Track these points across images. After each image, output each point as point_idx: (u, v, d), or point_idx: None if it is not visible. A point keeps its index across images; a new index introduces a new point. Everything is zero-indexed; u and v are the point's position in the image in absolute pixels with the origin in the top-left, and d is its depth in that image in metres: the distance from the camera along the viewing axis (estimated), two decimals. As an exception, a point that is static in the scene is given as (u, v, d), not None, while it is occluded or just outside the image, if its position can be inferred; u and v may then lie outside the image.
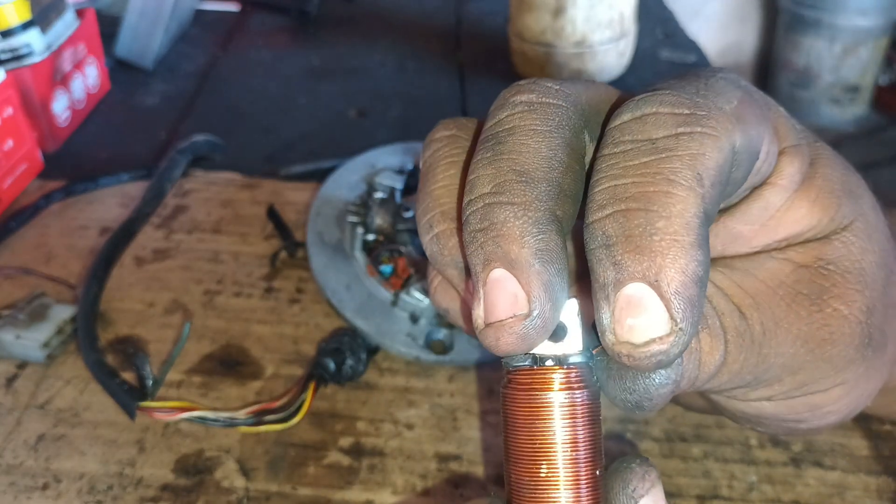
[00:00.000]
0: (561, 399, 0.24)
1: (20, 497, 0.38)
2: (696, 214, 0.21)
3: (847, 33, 2.33)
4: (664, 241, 0.21)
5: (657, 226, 0.21)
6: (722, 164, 0.23)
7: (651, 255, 0.21)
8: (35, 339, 0.45)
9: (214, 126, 0.70)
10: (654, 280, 0.21)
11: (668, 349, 0.21)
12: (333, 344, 0.45)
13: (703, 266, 0.21)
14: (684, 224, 0.21)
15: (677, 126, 0.23)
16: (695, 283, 0.21)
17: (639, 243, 0.21)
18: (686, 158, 0.22)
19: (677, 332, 0.21)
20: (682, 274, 0.21)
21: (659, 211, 0.21)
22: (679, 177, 0.22)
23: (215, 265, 0.54)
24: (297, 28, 0.95)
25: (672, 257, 0.21)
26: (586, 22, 0.76)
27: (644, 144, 0.23)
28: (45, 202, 0.59)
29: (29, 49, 0.63)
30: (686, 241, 0.21)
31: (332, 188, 0.57)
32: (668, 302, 0.21)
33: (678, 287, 0.21)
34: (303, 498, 0.39)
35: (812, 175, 0.28)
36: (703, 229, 0.22)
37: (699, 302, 0.21)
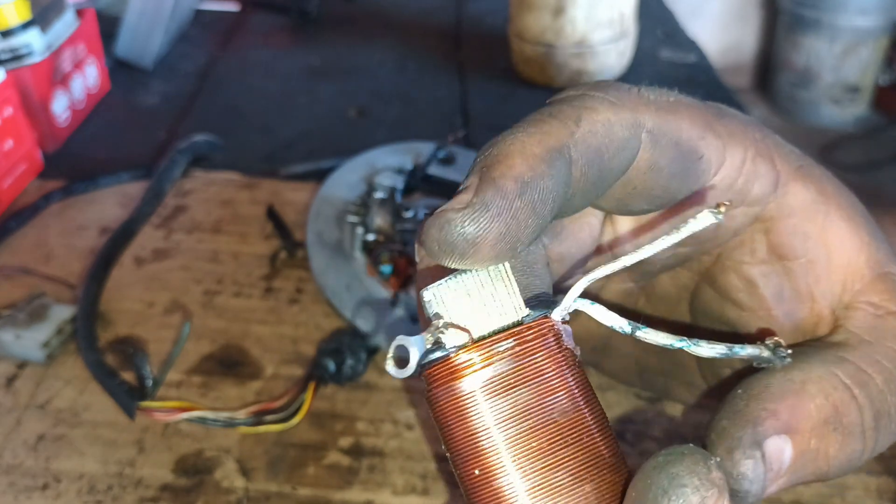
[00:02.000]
0: (483, 379, 0.21)
1: (20, 497, 0.38)
2: (556, 139, 0.23)
3: (847, 33, 2.33)
4: (513, 145, 0.23)
5: (517, 136, 0.23)
6: (613, 124, 0.24)
7: (496, 154, 0.23)
8: (35, 339, 0.45)
9: (214, 126, 0.70)
10: (485, 170, 0.22)
11: (451, 217, 0.21)
12: (333, 344, 0.45)
13: (536, 178, 0.22)
14: (540, 140, 0.23)
15: (588, 90, 0.24)
16: (515, 180, 0.22)
17: (496, 148, 0.23)
18: (577, 106, 0.24)
19: (471, 204, 0.22)
20: (508, 168, 0.22)
21: (526, 128, 0.23)
22: (560, 114, 0.23)
23: (215, 265, 0.54)
24: (296, 28, 0.95)
25: (509, 155, 0.22)
26: (586, 21, 0.76)
27: (558, 99, 0.25)
28: (44, 202, 0.59)
29: (29, 49, 0.63)
30: (531, 151, 0.22)
31: (331, 188, 0.57)
32: (482, 183, 0.22)
33: (495, 174, 0.22)
34: (303, 498, 0.39)
35: (834, 194, 0.28)
36: (557, 155, 0.22)
37: (511, 200, 0.22)
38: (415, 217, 0.54)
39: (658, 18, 0.98)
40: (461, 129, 0.72)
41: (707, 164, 0.26)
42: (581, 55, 0.78)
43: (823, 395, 0.24)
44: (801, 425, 0.23)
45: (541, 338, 0.22)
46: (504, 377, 0.21)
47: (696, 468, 0.20)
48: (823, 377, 0.24)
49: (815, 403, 0.24)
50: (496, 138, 0.23)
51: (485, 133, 0.71)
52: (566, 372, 0.22)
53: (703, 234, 0.27)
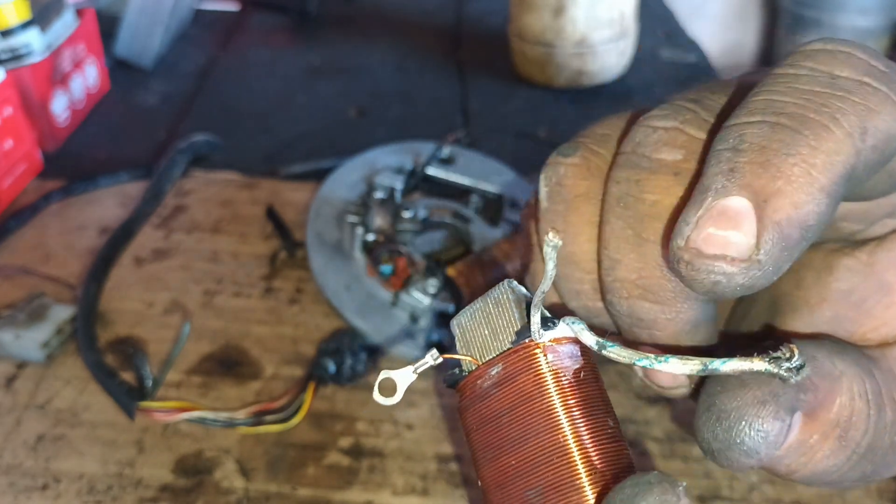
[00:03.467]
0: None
1: (20, 497, 0.38)
2: (843, 163, 0.19)
3: (847, 33, 2.32)
4: (798, 167, 0.18)
5: (799, 150, 0.18)
6: (891, 136, 0.20)
7: (775, 175, 0.18)
8: (34, 339, 0.45)
9: (214, 126, 0.69)
10: (763, 200, 0.18)
11: (732, 274, 0.18)
12: (333, 344, 0.45)
13: (818, 218, 0.18)
14: (827, 164, 0.18)
15: (866, 74, 0.20)
16: (800, 227, 0.18)
17: (770, 158, 0.18)
18: (860, 106, 0.19)
19: (753, 262, 0.18)
20: (794, 208, 0.18)
21: (808, 138, 0.19)
22: (845, 119, 0.19)
23: (214, 265, 0.54)
24: (296, 28, 0.95)
25: (795, 187, 0.18)
26: (587, 21, 0.76)
27: (823, 76, 0.20)
28: (44, 202, 0.59)
29: (29, 49, 0.63)
30: (818, 181, 0.18)
31: (331, 188, 0.57)
32: (763, 227, 0.18)
33: (782, 218, 0.18)
34: (302, 498, 0.39)
35: None
36: (841, 182, 0.19)
37: (793, 249, 0.19)
38: (415, 217, 0.54)
39: (658, 18, 0.98)
40: (461, 129, 0.72)
41: None
42: (581, 55, 0.78)
43: (850, 395, 0.22)
44: (820, 414, 0.22)
45: (525, 360, 0.22)
46: (491, 400, 0.23)
47: (666, 498, 0.19)
48: (855, 379, 0.22)
49: (841, 400, 0.22)
50: (765, 135, 0.19)
51: (485, 133, 0.71)
52: (551, 392, 0.22)
53: (842, 236, 0.25)
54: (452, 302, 0.48)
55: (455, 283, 0.48)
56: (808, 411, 0.21)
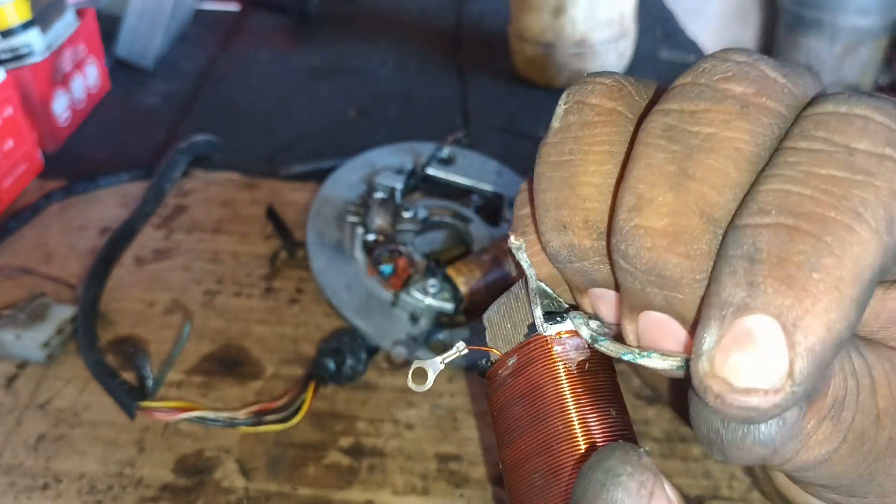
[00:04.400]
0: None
1: (20, 497, 0.38)
2: (870, 266, 0.17)
3: (847, 33, 2.33)
4: (824, 283, 0.17)
5: (823, 262, 0.17)
6: None
7: (801, 294, 0.17)
8: (35, 339, 0.45)
9: (214, 126, 0.70)
10: (792, 324, 0.17)
11: (767, 408, 0.17)
12: (333, 344, 0.45)
13: (850, 329, 0.17)
14: (855, 273, 0.17)
15: (886, 145, 0.18)
16: (833, 346, 0.17)
17: (792, 273, 0.17)
18: (884, 192, 0.17)
19: (789, 393, 0.17)
20: (827, 331, 0.17)
21: (832, 246, 0.17)
22: (869, 213, 0.17)
23: (215, 265, 0.54)
24: (296, 28, 0.95)
25: (824, 307, 0.17)
26: (586, 22, 0.76)
27: (840, 152, 0.18)
28: (44, 202, 0.59)
29: (29, 49, 0.63)
30: (848, 294, 0.17)
31: (331, 188, 0.57)
32: (796, 355, 0.17)
33: (815, 343, 0.17)
34: (303, 498, 0.39)
35: None
36: (870, 286, 0.17)
37: (828, 367, 0.18)
38: (415, 217, 0.54)
39: (658, 18, 0.98)
40: (461, 129, 0.72)
41: None
42: (581, 55, 0.78)
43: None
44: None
45: (534, 351, 0.24)
46: (508, 388, 0.24)
47: (628, 457, 0.19)
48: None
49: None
50: (781, 242, 0.17)
51: (485, 133, 0.72)
52: (556, 380, 0.23)
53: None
54: (452, 302, 0.48)
55: (455, 283, 0.48)
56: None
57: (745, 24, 2.62)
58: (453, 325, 0.48)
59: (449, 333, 0.46)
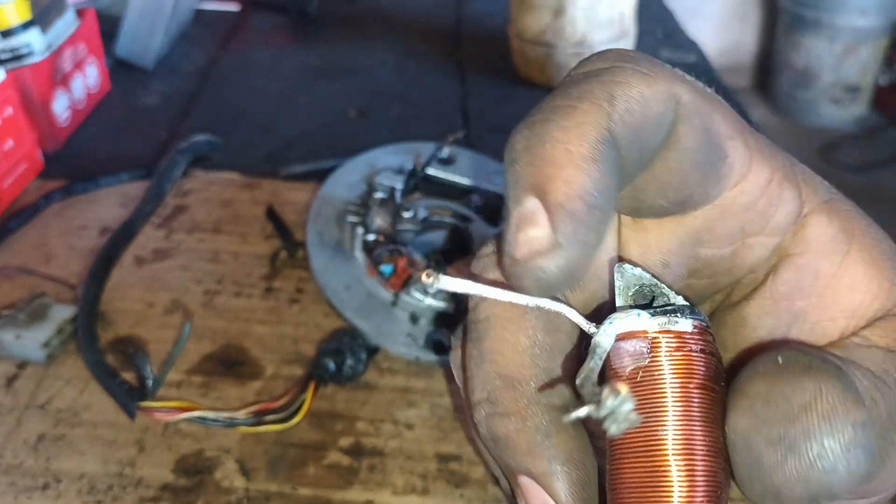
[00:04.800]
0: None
1: (20, 497, 0.38)
2: (595, 128, 0.20)
3: (847, 33, 2.33)
4: (555, 149, 0.20)
5: (552, 134, 0.20)
6: (647, 98, 0.21)
7: (542, 165, 0.20)
8: (35, 339, 0.45)
9: (214, 126, 0.70)
10: (543, 191, 0.20)
11: (544, 265, 0.20)
12: (333, 344, 0.45)
13: (597, 184, 0.20)
14: (580, 135, 0.20)
15: (616, 60, 0.22)
16: (580, 198, 0.20)
17: (534, 153, 0.20)
18: (606, 82, 0.21)
19: (556, 246, 0.19)
20: (568, 185, 0.20)
21: (558, 120, 0.20)
22: (589, 94, 0.21)
23: (215, 265, 0.54)
24: (297, 28, 0.95)
25: (560, 166, 0.20)
26: (586, 22, 0.76)
27: (577, 75, 0.22)
28: (44, 202, 0.59)
29: (29, 49, 0.63)
30: (577, 153, 0.20)
31: (331, 188, 0.57)
32: (550, 214, 0.20)
33: (561, 198, 0.20)
34: (303, 498, 0.39)
35: (861, 233, 0.25)
36: (603, 146, 0.20)
37: (587, 220, 0.20)
38: (415, 217, 0.54)
39: (658, 18, 0.98)
40: (461, 129, 0.72)
41: (730, 168, 0.23)
42: (581, 55, 0.78)
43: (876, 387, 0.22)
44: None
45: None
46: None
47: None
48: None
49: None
50: (526, 139, 0.21)
51: (485, 133, 0.72)
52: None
53: (717, 265, 0.25)
54: (452, 302, 0.48)
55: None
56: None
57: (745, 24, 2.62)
58: (453, 325, 0.47)
59: (449, 333, 0.46)
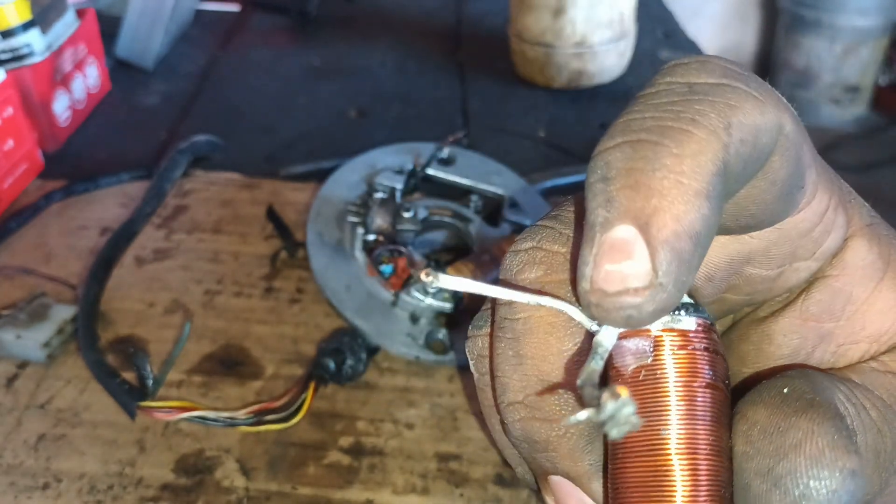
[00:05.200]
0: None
1: (20, 497, 0.38)
2: (712, 160, 0.18)
3: (847, 33, 2.33)
4: (666, 179, 0.18)
5: (664, 161, 0.18)
6: (760, 128, 0.19)
7: (647, 194, 0.18)
8: (35, 339, 0.45)
9: (214, 126, 0.70)
10: (645, 223, 0.18)
11: (640, 304, 0.18)
12: (333, 344, 0.45)
13: (705, 222, 0.18)
14: (695, 166, 0.18)
15: (723, 77, 0.20)
16: (689, 237, 0.18)
17: (638, 178, 0.18)
18: (720, 104, 0.19)
19: (656, 286, 0.18)
20: (677, 222, 0.18)
21: (670, 146, 0.18)
22: (705, 119, 0.19)
23: (215, 265, 0.54)
24: (296, 28, 0.95)
25: (670, 200, 0.18)
26: (586, 22, 0.76)
27: (679, 87, 0.20)
28: (45, 202, 0.59)
29: (29, 49, 0.63)
30: (691, 186, 0.18)
31: (332, 188, 0.57)
32: (654, 250, 0.18)
33: (668, 235, 0.18)
34: (303, 498, 0.39)
35: (895, 260, 0.25)
36: (716, 180, 0.19)
37: (691, 260, 0.18)
38: (415, 217, 0.54)
39: (658, 19, 0.98)
40: (461, 129, 0.72)
41: (802, 196, 0.22)
42: (581, 56, 0.78)
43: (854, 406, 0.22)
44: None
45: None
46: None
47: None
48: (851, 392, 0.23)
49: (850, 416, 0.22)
50: (629, 158, 0.19)
51: (485, 133, 0.72)
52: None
53: (759, 284, 0.25)
54: (452, 302, 0.48)
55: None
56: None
57: (745, 25, 2.62)
58: (453, 325, 0.48)
59: (449, 333, 0.46)
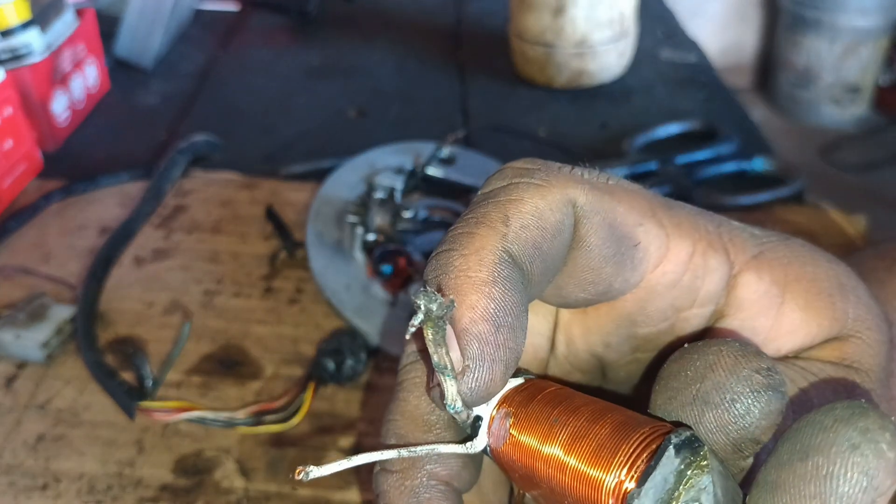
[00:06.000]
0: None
1: (20, 497, 0.38)
2: (492, 251, 0.21)
3: (847, 33, 2.33)
4: (459, 278, 0.21)
5: (454, 264, 0.21)
6: (543, 211, 0.22)
7: (447, 294, 0.21)
8: (35, 339, 0.45)
9: (214, 126, 0.70)
10: (453, 319, 0.21)
11: (462, 390, 0.21)
12: (333, 344, 0.45)
13: (499, 304, 0.21)
14: (478, 261, 0.21)
15: (512, 177, 0.23)
16: (485, 320, 0.21)
17: (442, 282, 0.22)
18: (501, 203, 0.22)
19: (465, 369, 0.21)
20: (471, 310, 0.21)
21: (459, 250, 0.22)
22: (486, 218, 0.22)
23: (215, 265, 0.54)
24: (296, 28, 0.95)
25: (463, 294, 0.21)
26: (587, 22, 0.76)
27: (481, 197, 0.23)
28: (44, 202, 0.59)
29: (29, 49, 0.63)
30: (477, 278, 0.21)
31: (331, 188, 0.57)
32: (459, 339, 0.21)
33: (466, 324, 0.21)
34: (302, 498, 0.39)
35: (795, 279, 0.26)
36: (502, 267, 0.21)
37: (493, 340, 0.21)
38: (415, 217, 0.54)
39: (658, 18, 0.98)
40: (461, 129, 0.72)
41: (644, 252, 0.24)
42: (581, 55, 0.78)
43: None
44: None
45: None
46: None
47: (886, 424, 0.18)
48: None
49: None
50: (434, 270, 0.22)
51: (485, 133, 0.72)
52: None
53: (657, 340, 0.26)
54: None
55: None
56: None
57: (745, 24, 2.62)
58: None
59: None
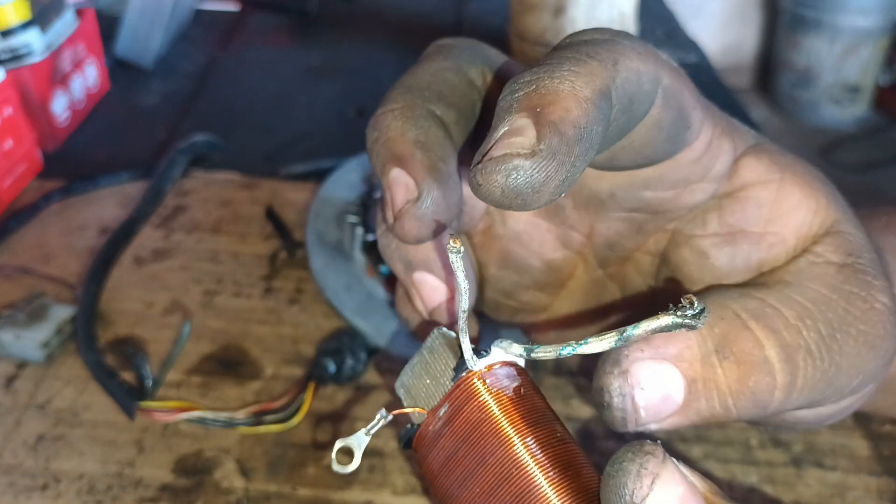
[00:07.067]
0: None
1: (20, 497, 0.38)
2: (601, 82, 0.22)
3: (847, 33, 2.32)
4: (563, 84, 0.22)
5: (563, 73, 0.22)
6: (641, 73, 0.24)
7: (545, 93, 0.22)
8: (34, 339, 0.45)
9: (214, 126, 0.69)
10: (538, 112, 0.21)
11: (520, 165, 0.21)
12: (333, 344, 0.45)
13: (589, 120, 0.21)
14: (587, 82, 0.22)
15: (614, 36, 0.24)
16: (573, 126, 0.21)
17: (541, 85, 0.22)
18: (611, 49, 0.23)
19: (538, 152, 0.21)
20: (565, 111, 0.21)
21: (569, 66, 0.22)
22: (597, 55, 0.23)
23: (214, 265, 0.54)
24: (296, 27, 0.95)
25: (562, 98, 0.21)
26: (587, 22, 0.76)
27: (577, 41, 0.24)
28: (44, 202, 0.59)
29: (29, 49, 0.63)
30: (582, 93, 0.22)
31: (331, 188, 0.57)
32: (541, 127, 0.21)
33: (555, 118, 0.21)
34: (302, 498, 0.39)
35: (789, 165, 0.29)
36: (603, 99, 0.22)
37: (572, 146, 0.21)
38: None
39: (658, 18, 0.98)
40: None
41: (691, 134, 0.27)
42: (581, 55, 0.78)
43: (708, 326, 0.25)
44: (683, 354, 0.24)
45: (467, 391, 0.23)
46: (445, 439, 0.23)
47: (632, 446, 0.21)
48: (712, 310, 0.25)
49: (698, 334, 0.24)
50: (536, 72, 0.22)
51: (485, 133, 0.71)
52: (495, 412, 0.23)
53: (658, 206, 0.29)
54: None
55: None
56: (664, 357, 0.24)
57: (746, 24, 2.61)
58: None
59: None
